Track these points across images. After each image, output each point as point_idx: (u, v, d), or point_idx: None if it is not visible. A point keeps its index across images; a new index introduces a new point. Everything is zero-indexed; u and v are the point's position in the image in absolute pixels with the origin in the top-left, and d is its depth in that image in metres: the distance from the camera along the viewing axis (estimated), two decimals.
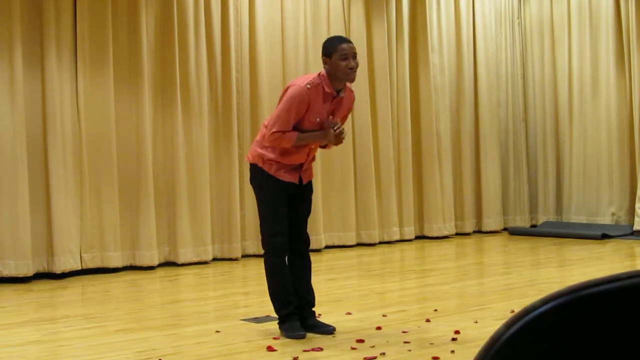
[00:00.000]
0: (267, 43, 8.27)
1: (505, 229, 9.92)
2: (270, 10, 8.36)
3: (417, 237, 9.33)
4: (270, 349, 4.41)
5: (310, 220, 8.33)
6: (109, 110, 7.37)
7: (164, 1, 7.73)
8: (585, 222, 9.62)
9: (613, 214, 9.46)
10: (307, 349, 4.36)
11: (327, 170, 8.65)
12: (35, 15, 7.10)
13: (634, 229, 9.04)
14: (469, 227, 9.74)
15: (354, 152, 8.83)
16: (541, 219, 10.14)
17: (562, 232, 9.34)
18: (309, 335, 4.71)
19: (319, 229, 8.48)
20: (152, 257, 7.49)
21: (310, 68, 8.52)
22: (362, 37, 8.91)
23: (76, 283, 6.94)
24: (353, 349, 4.37)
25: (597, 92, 9.56)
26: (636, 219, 9.02)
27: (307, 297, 4.83)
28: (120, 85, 7.47)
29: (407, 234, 9.20)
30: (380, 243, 8.95)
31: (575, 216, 9.79)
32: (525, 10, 10.30)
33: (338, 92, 4.70)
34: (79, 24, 7.26)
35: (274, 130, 4.62)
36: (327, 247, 8.62)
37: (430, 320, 5.04)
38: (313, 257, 8.19)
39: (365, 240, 8.86)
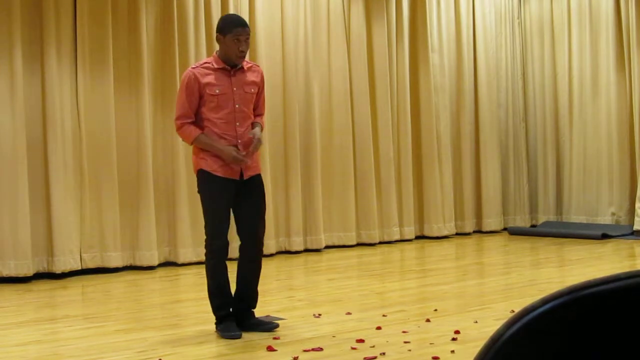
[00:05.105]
0: (267, 43, 8.27)
1: (505, 229, 9.92)
2: (270, 10, 8.37)
3: (417, 237, 9.33)
4: (270, 349, 4.41)
5: (310, 220, 8.48)
6: (108, 110, 7.38)
7: (164, 1, 7.74)
8: (585, 222, 9.62)
9: (613, 214, 9.46)
10: (307, 349, 4.36)
11: (327, 170, 8.66)
12: (35, 15, 7.10)
13: (634, 229, 9.03)
14: (469, 227, 9.73)
15: (354, 152, 8.83)
16: (541, 219, 10.14)
17: (562, 232, 9.34)
18: (309, 335, 4.72)
19: (319, 229, 8.48)
20: (152, 257, 7.49)
21: (310, 67, 8.53)
22: (362, 37, 8.91)
23: (76, 283, 6.95)
24: (353, 349, 4.37)
25: (597, 92, 9.55)
26: (636, 219, 9.02)
27: (248, 301, 4.89)
28: (120, 85, 7.48)
29: (407, 234, 9.20)
30: (380, 243, 8.95)
31: (575, 216, 9.79)
32: (525, 10, 10.30)
33: (233, 66, 4.81)
34: (79, 24, 7.27)
35: (175, 118, 4.84)
36: (327, 247, 8.62)
37: (430, 320, 5.04)
38: (313, 257, 8.29)
39: (365, 240, 8.86)
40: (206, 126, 4.76)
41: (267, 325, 4.84)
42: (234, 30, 4.74)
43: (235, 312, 4.86)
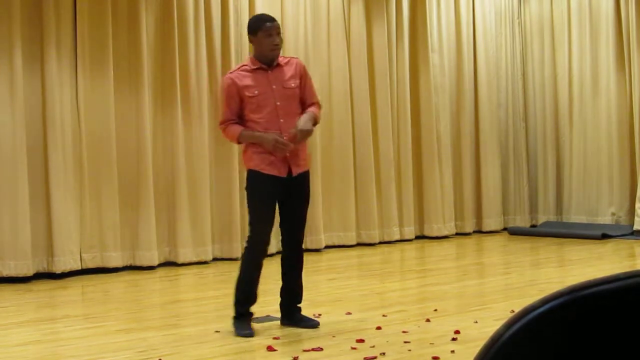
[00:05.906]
0: None
1: (505, 229, 9.92)
2: (271, 10, 8.33)
3: (417, 237, 9.32)
4: (270, 349, 4.41)
5: (310, 220, 8.43)
6: (109, 110, 7.38)
7: (164, 1, 7.74)
8: (585, 222, 9.62)
9: (613, 214, 9.46)
10: (307, 349, 4.36)
11: (327, 170, 8.65)
12: (35, 15, 7.10)
13: (634, 229, 9.03)
14: (469, 227, 9.73)
15: (354, 152, 8.83)
16: (541, 219, 10.14)
17: (562, 232, 9.34)
18: (309, 335, 4.72)
19: (319, 229, 8.48)
20: (152, 257, 7.49)
21: (310, 67, 8.51)
22: (362, 37, 8.91)
23: (76, 283, 6.95)
24: (353, 349, 4.37)
25: (597, 92, 9.55)
26: (636, 219, 9.02)
27: (294, 297, 5.01)
28: (120, 85, 7.47)
29: (407, 234, 9.20)
30: (380, 243, 8.95)
31: (575, 216, 9.79)
32: (525, 10, 10.30)
33: (269, 64, 4.82)
34: (79, 24, 7.27)
35: (219, 123, 4.91)
36: (327, 247, 8.61)
37: (430, 320, 5.04)
38: (313, 257, 8.27)
39: (365, 240, 8.86)
40: (249, 127, 4.78)
41: (310, 323, 4.93)
42: (263, 27, 4.78)
43: (283, 306, 5.00)
